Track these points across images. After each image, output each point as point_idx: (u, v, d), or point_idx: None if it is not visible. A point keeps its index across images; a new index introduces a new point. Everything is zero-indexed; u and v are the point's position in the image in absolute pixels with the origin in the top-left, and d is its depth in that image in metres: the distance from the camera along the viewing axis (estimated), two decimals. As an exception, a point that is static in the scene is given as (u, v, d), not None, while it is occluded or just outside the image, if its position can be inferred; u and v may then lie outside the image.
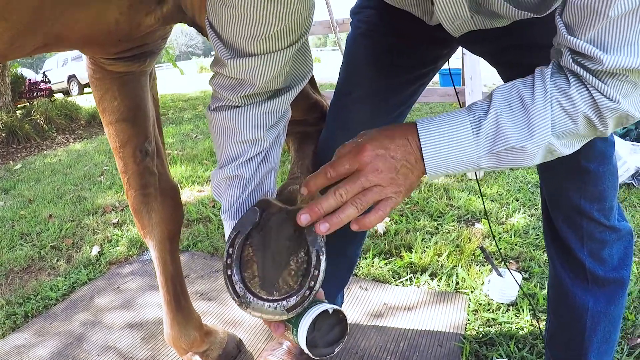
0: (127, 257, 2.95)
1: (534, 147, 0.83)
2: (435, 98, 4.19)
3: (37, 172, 5.63)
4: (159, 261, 1.62)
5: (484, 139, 0.84)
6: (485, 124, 0.84)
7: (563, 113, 0.81)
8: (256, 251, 0.93)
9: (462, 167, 0.87)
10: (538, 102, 0.82)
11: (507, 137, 0.83)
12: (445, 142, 0.85)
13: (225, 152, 1.06)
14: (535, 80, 0.84)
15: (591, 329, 1.31)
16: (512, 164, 0.86)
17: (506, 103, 0.84)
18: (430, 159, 0.86)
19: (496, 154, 0.84)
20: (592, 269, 1.26)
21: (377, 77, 1.38)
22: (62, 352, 2.05)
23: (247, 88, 1.00)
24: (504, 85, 0.88)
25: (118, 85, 1.46)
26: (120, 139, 1.50)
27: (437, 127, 0.86)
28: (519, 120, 0.83)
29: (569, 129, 0.83)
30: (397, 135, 0.88)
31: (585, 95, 0.80)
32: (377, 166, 0.85)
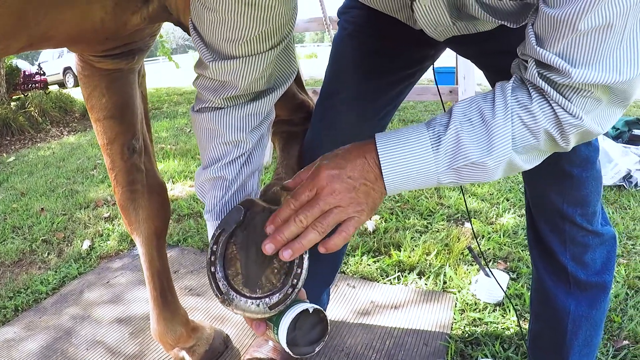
0: (118, 251, 2.95)
1: (494, 163, 0.82)
2: (429, 97, 4.20)
3: (30, 165, 5.61)
4: (145, 257, 1.63)
5: (444, 154, 0.83)
6: (444, 140, 0.83)
7: (524, 128, 0.81)
8: (240, 249, 0.94)
9: (421, 183, 0.86)
10: (498, 117, 0.81)
11: (467, 153, 0.82)
12: (404, 159, 0.84)
13: (208, 153, 1.07)
14: (496, 95, 0.83)
15: (572, 333, 1.32)
16: (473, 180, 0.86)
17: (466, 118, 0.84)
18: (389, 176, 0.85)
19: (456, 169, 0.84)
20: (574, 272, 1.28)
21: (363, 78, 1.39)
22: (51, 346, 2.05)
23: (230, 90, 1.01)
24: (464, 100, 0.88)
25: (106, 83, 1.46)
26: (108, 136, 1.50)
27: (396, 143, 0.85)
28: (479, 135, 0.82)
29: (530, 144, 0.82)
30: (353, 155, 0.88)
31: (548, 111, 0.80)
32: (334, 188, 0.85)
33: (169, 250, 2.84)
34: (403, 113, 6.44)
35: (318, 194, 0.85)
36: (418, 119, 5.89)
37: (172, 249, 2.89)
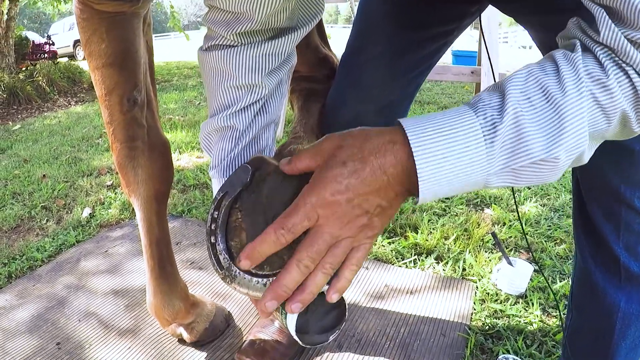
0: (119, 220, 2.83)
1: (567, 156, 0.63)
2: (449, 76, 4.04)
3: (35, 132, 5.51)
4: (143, 222, 1.48)
5: (500, 149, 0.63)
6: (502, 129, 0.62)
7: (598, 110, 0.63)
8: (245, 217, 0.78)
9: (462, 187, 0.66)
10: (571, 94, 0.62)
11: (532, 146, 0.62)
12: (448, 156, 0.63)
13: (216, 99, 0.92)
14: (560, 65, 0.64)
15: (620, 332, 1.15)
16: (534, 181, 0.66)
17: (524, 97, 0.64)
18: (427, 182, 0.64)
19: (515, 170, 0.64)
20: (627, 264, 1.10)
21: (395, 32, 1.23)
22: (43, 315, 1.93)
23: (245, 23, 0.85)
24: (517, 73, 0.67)
25: (106, 27, 1.32)
26: (106, 85, 1.35)
27: (435, 134, 0.64)
28: (547, 120, 0.63)
29: (600, 130, 0.65)
30: (370, 162, 0.65)
31: (626, 87, 0.62)
32: (341, 218, 0.66)
33: (172, 220, 2.73)
34: (419, 95, 6.24)
35: (320, 225, 0.66)
36: (435, 102, 5.72)
37: (176, 219, 2.77)
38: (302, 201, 0.66)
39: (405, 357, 1.64)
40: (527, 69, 0.67)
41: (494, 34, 3.74)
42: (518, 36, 26.84)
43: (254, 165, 0.81)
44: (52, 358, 1.69)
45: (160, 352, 1.69)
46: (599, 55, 0.63)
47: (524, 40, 24.39)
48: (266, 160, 0.82)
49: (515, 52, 17.43)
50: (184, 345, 1.71)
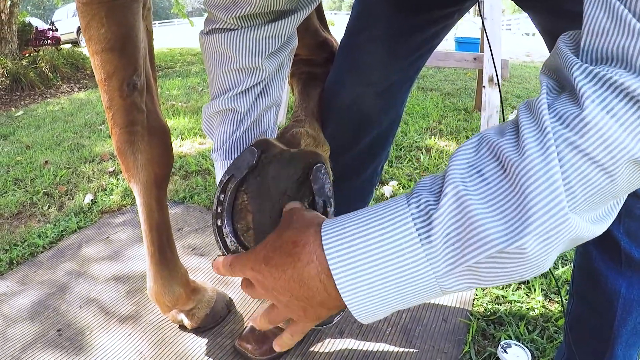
0: (121, 206, 2.82)
1: (541, 244, 0.47)
2: (452, 63, 4.01)
3: (38, 119, 5.50)
4: (143, 208, 1.48)
5: (443, 245, 0.50)
6: (439, 217, 0.50)
7: (585, 162, 0.46)
8: (252, 199, 0.78)
9: (413, 301, 0.55)
10: (532, 155, 0.47)
11: (483, 237, 0.48)
12: (374, 267, 0.52)
13: (218, 82, 0.91)
14: (521, 119, 0.50)
15: (621, 319, 1.14)
16: (505, 279, 0.52)
17: (474, 172, 0.51)
18: (356, 305, 0.54)
19: (470, 268, 0.50)
20: (627, 249, 1.09)
21: (396, 14, 1.22)
22: (44, 302, 1.93)
23: (244, 7, 0.84)
24: (468, 142, 0.55)
25: (106, 11, 1.30)
26: (106, 70, 1.34)
27: (357, 242, 0.53)
28: (504, 199, 0.49)
29: (601, 188, 0.48)
30: (283, 259, 0.59)
31: (625, 114, 0.44)
32: (263, 291, 0.64)
33: (174, 206, 2.72)
34: (422, 81, 6.22)
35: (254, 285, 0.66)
36: (438, 89, 5.69)
37: (177, 205, 2.76)
38: (242, 258, 0.66)
39: (406, 343, 1.64)
40: (480, 134, 0.54)
41: (496, 21, 3.70)
42: (521, 23, 26.70)
43: (260, 148, 0.80)
44: (53, 344, 1.69)
45: (161, 338, 1.69)
46: (576, 77, 0.48)
47: (527, 28, 24.25)
48: (272, 142, 0.82)
49: (518, 40, 17.34)
50: (184, 332, 1.71)
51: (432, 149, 3.49)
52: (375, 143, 1.39)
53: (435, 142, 3.66)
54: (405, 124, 4.04)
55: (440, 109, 4.67)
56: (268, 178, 0.79)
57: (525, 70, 7.53)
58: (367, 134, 1.35)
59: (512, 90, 5.57)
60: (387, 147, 1.46)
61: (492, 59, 1.83)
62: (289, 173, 0.79)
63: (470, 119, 4.27)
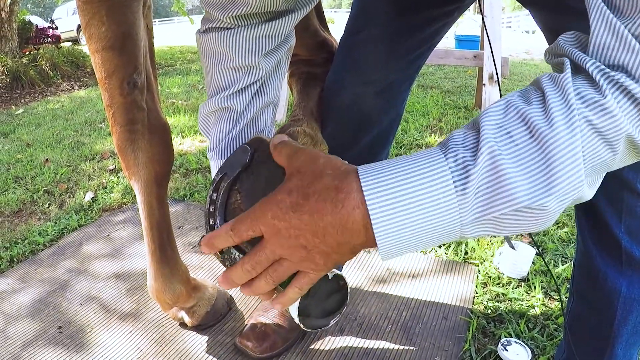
0: (121, 204, 2.82)
1: (557, 203, 0.54)
2: (452, 61, 4.02)
3: (38, 117, 5.50)
4: (144, 206, 1.48)
5: (474, 197, 0.54)
6: (475, 173, 0.54)
7: (597, 139, 0.54)
8: (245, 198, 0.77)
9: (433, 242, 0.58)
10: (560, 127, 0.53)
11: (513, 192, 0.53)
12: (410, 213, 0.55)
13: (214, 81, 0.91)
14: (547, 91, 0.55)
15: (621, 318, 1.14)
16: (519, 230, 0.57)
17: (504, 133, 0.55)
18: (385, 241, 0.57)
19: (494, 219, 0.55)
20: (628, 249, 1.09)
21: (393, 13, 1.22)
22: (44, 299, 1.93)
23: (240, 7, 0.84)
24: (495, 104, 0.58)
25: (106, 10, 1.30)
26: (106, 69, 1.35)
27: (396, 186, 0.55)
28: (531, 160, 0.53)
29: (604, 161, 0.56)
30: (308, 206, 0.60)
31: (628, 107, 0.53)
32: (280, 242, 0.62)
33: (175, 204, 2.72)
34: (422, 79, 6.22)
35: (265, 239, 0.64)
36: (438, 86, 5.69)
37: (178, 203, 2.76)
38: (252, 212, 0.64)
39: (407, 341, 1.64)
40: (506, 98, 0.59)
41: (496, 18, 3.71)
42: (521, 21, 26.66)
43: (253, 146, 0.80)
44: (53, 342, 1.69)
45: (162, 336, 1.69)
46: (592, 70, 0.55)
47: (527, 25, 24.23)
48: (265, 140, 0.81)
49: (518, 37, 17.32)
50: (185, 329, 1.71)
51: (432, 146, 3.48)
52: (375, 142, 1.39)
53: (436, 139, 3.66)
54: (405, 122, 4.04)
55: (441, 106, 4.67)
56: (262, 177, 0.78)
57: (525, 68, 7.52)
58: (368, 133, 1.35)
59: (512, 88, 5.56)
60: (388, 145, 1.46)
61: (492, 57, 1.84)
62: (282, 172, 0.78)
63: (470, 116, 4.27)
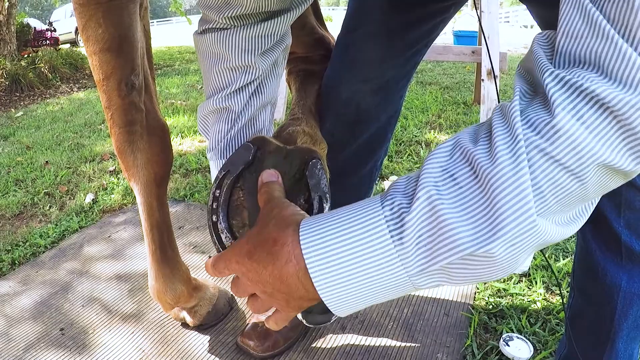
0: (122, 205, 2.83)
1: (506, 248, 0.49)
2: (450, 57, 4.02)
3: (37, 119, 5.50)
4: (144, 207, 1.49)
5: (414, 246, 0.52)
6: (411, 220, 0.51)
7: (557, 169, 0.48)
8: (248, 195, 0.78)
9: (386, 294, 0.56)
10: (503, 163, 0.48)
11: (454, 240, 0.50)
12: (349, 266, 0.53)
13: (212, 82, 0.92)
14: (494, 125, 0.51)
15: (622, 312, 1.13)
16: (473, 280, 0.54)
17: (448, 177, 0.52)
18: (330, 298, 0.56)
19: (442, 269, 0.52)
20: (628, 242, 1.08)
21: (390, 10, 1.22)
22: (46, 301, 1.94)
23: (235, 8, 0.85)
24: (442, 146, 0.56)
25: (103, 12, 1.31)
26: (104, 70, 1.35)
27: (333, 239, 0.54)
28: (474, 204, 0.50)
29: (572, 192, 0.50)
30: (255, 256, 0.60)
31: (598, 122, 0.46)
32: (249, 282, 0.64)
33: (175, 205, 2.73)
34: (421, 75, 6.22)
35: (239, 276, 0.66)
36: (436, 83, 5.69)
37: (178, 203, 2.77)
38: (225, 253, 0.66)
39: (408, 338, 1.65)
40: (455, 138, 0.55)
41: (494, 13, 3.71)
42: (519, 16, 26.62)
43: (256, 144, 0.81)
44: (56, 343, 1.69)
45: (164, 336, 1.69)
46: (548, 83, 0.49)
47: (526, 20, 24.19)
48: (268, 139, 0.82)
49: (516, 32, 17.31)
50: (187, 329, 1.72)
51: (431, 143, 3.49)
52: (374, 139, 1.39)
53: (435, 136, 3.66)
54: (404, 119, 4.04)
55: (440, 102, 4.67)
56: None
57: (524, 63, 7.51)
58: (366, 129, 1.35)
59: (511, 83, 5.55)
60: (386, 142, 1.46)
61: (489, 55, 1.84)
62: (285, 169, 0.79)
63: (469, 112, 4.27)
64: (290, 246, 0.57)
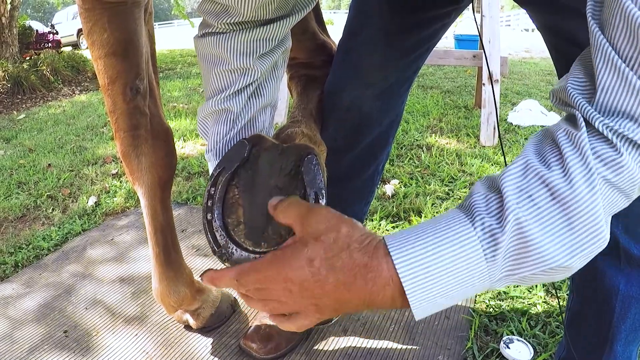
0: (124, 208, 2.84)
1: (582, 261, 0.58)
2: (451, 61, 4.03)
3: (40, 122, 5.50)
4: (148, 210, 1.50)
5: (502, 262, 0.57)
6: (503, 242, 0.56)
7: (615, 192, 0.58)
8: (243, 193, 0.78)
9: (462, 298, 0.62)
10: (581, 189, 0.55)
11: (538, 257, 0.56)
12: (443, 283, 0.58)
13: (211, 84, 0.94)
14: (565, 152, 0.57)
15: (620, 315, 1.15)
16: (548, 281, 0.61)
17: (526, 197, 0.57)
18: (420, 307, 0.59)
19: (521, 278, 0.59)
20: (626, 246, 1.09)
21: (391, 15, 1.23)
22: (50, 304, 1.95)
23: (234, 16, 0.87)
24: (513, 166, 0.60)
25: (108, 17, 1.32)
26: (109, 75, 1.36)
27: (429, 263, 0.57)
28: (554, 222, 0.56)
29: (619, 206, 0.60)
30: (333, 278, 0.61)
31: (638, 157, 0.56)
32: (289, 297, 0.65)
33: (177, 208, 2.74)
34: (422, 79, 6.23)
35: (267, 284, 0.65)
36: (438, 86, 5.70)
37: (181, 207, 2.78)
38: (262, 269, 0.65)
39: (409, 340, 1.66)
40: (524, 158, 0.60)
41: (495, 18, 3.72)
42: (520, 19, 26.61)
43: (252, 142, 0.81)
44: (59, 346, 1.70)
45: (167, 339, 1.71)
46: (603, 129, 0.56)
47: (527, 24, 24.17)
48: (263, 136, 0.82)
49: (517, 35, 17.31)
50: (190, 332, 1.73)
51: (432, 147, 3.50)
52: (376, 143, 1.40)
53: (436, 140, 3.67)
54: (405, 123, 4.05)
55: (441, 106, 4.68)
56: (259, 171, 0.79)
57: (525, 67, 7.52)
58: (368, 134, 1.36)
59: (512, 87, 5.58)
60: (388, 146, 1.47)
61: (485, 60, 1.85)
62: (280, 166, 0.79)
63: (470, 116, 4.28)
64: (387, 273, 0.59)
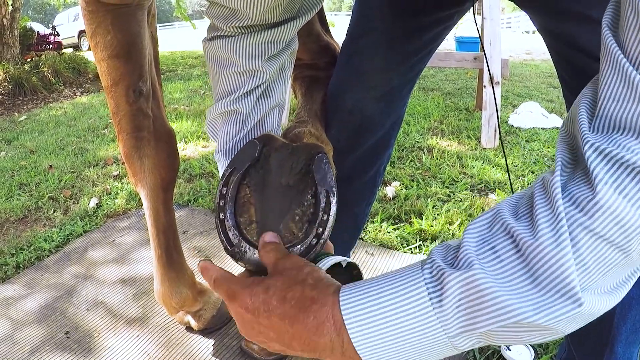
0: (125, 210, 2.84)
1: (550, 320, 0.49)
2: (452, 63, 4.03)
3: (41, 123, 5.52)
4: (150, 211, 1.50)
5: (454, 310, 0.52)
6: (450, 284, 0.52)
7: (602, 244, 0.47)
8: (254, 192, 0.79)
9: (427, 356, 0.56)
10: (543, 240, 0.48)
11: (498, 309, 0.50)
12: (389, 328, 0.54)
13: (220, 86, 0.94)
14: (536, 200, 0.51)
15: (620, 316, 1.15)
16: (522, 342, 0.54)
17: (487, 247, 0.53)
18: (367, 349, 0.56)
19: (483, 333, 0.52)
20: None
21: (393, 18, 1.23)
22: (51, 305, 1.95)
23: (242, 20, 0.88)
24: (482, 217, 0.57)
25: (112, 19, 1.33)
26: (112, 77, 1.37)
27: (374, 305, 0.55)
28: (517, 277, 0.50)
29: (616, 264, 0.49)
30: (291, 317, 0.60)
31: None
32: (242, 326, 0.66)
33: (179, 209, 2.74)
34: (423, 81, 6.23)
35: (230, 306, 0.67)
36: (439, 89, 5.70)
37: (182, 208, 2.78)
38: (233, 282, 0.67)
39: (410, 342, 1.65)
40: (494, 211, 0.56)
41: (496, 20, 3.72)
42: (521, 21, 26.63)
43: (262, 141, 0.82)
44: (61, 347, 1.71)
45: (169, 340, 1.71)
46: (589, 156, 0.48)
47: (527, 26, 24.19)
48: (273, 136, 0.83)
49: (518, 38, 17.32)
50: (191, 333, 1.73)
51: (433, 149, 3.50)
52: (378, 145, 1.40)
53: (437, 142, 3.67)
54: (406, 125, 4.05)
55: (442, 109, 4.68)
56: (270, 171, 0.80)
57: (525, 69, 7.53)
58: (370, 136, 1.37)
59: (513, 89, 5.58)
60: (389, 148, 1.47)
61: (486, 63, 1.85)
62: (291, 165, 0.80)
63: (471, 118, 4.29)
64: (329, 308, 0.58)
